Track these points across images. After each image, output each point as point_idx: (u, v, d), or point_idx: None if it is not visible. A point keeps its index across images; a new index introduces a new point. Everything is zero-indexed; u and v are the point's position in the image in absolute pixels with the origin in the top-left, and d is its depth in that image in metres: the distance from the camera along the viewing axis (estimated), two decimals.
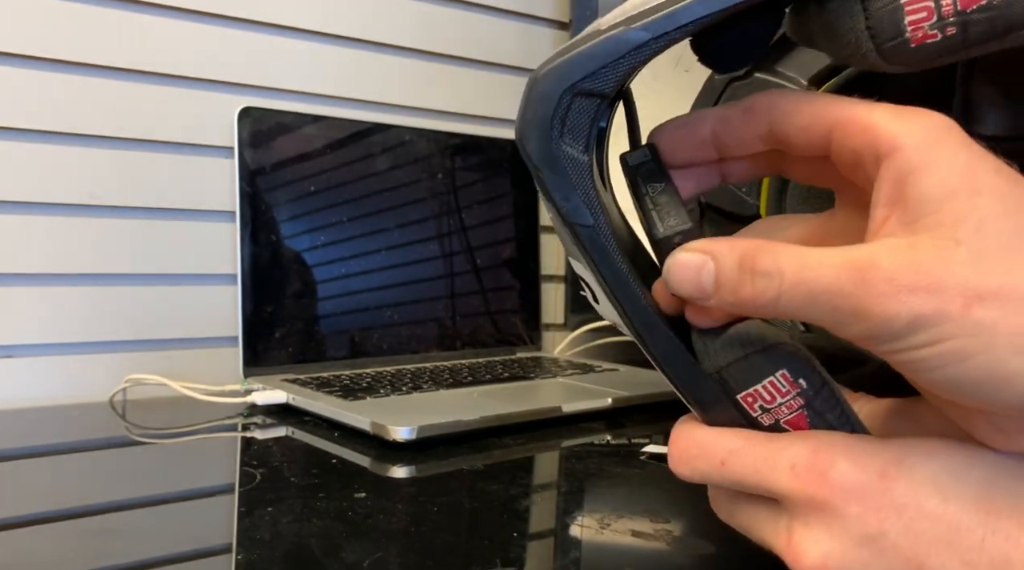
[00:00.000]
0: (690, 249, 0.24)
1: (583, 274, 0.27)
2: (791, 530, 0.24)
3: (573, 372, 0.75)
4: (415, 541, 0.36)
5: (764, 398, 0.25)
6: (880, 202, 0.23)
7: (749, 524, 0.27)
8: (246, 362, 0.73)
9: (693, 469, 0.26)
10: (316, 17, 0.82)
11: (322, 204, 0.78)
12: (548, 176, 0.25)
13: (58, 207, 0.71)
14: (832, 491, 0.23)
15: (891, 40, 0.24)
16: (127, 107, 0.73)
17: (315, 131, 0.78)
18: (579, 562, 0.35)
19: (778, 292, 0.23)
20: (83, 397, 0.70)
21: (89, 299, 0.72)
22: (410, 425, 0.51)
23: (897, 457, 0.23)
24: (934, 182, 0.22)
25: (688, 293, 0.24)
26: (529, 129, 0.25)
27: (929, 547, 0.22)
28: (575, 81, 0.24)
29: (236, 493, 0.44)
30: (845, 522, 0.23)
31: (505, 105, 0.96)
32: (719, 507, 0.28)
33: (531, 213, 0.93)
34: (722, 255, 0.24)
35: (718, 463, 0.26)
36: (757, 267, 0.23)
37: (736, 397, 0.25)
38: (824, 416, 0.25)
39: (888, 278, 0.21)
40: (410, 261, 0.83)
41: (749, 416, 0.26)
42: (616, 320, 0.27)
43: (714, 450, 0.26)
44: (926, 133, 0.22)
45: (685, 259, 0.24)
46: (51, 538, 0.37)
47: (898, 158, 0.22)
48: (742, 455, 0.25)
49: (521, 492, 0.44)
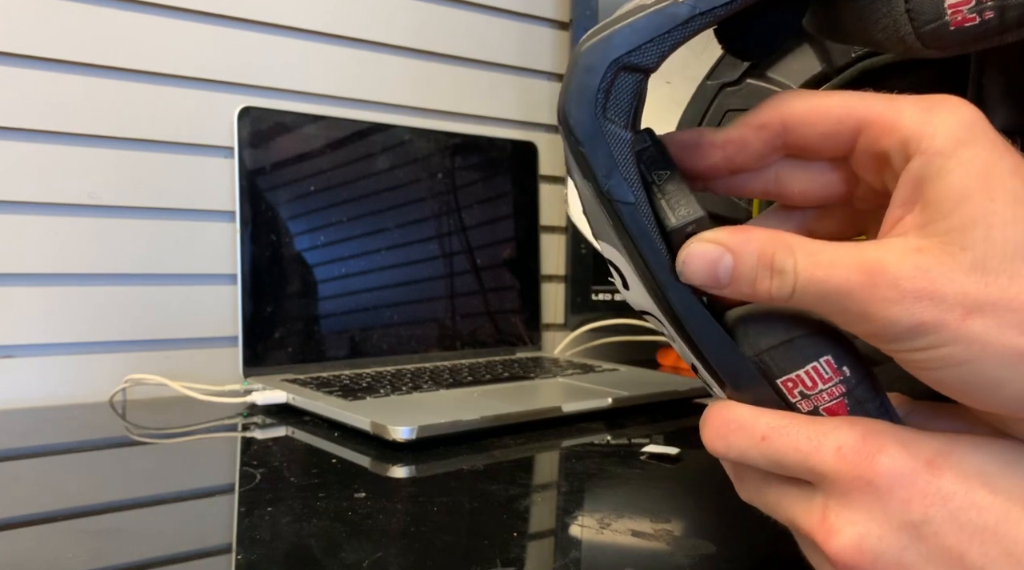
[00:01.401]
0: (706, 240, 0.24)
1: (613, 257, 0.26)
2: (826, 509, 0.24)
3: (573, 372, 0.75)
4: (415, 541, 0.36)
5: (805, 384, 0.25)
6: (897, 201, 0.23)
7: (777, 502, 0.26)
8: (246, 362, 0.73)
9: (730, 445, 0.26)
10: (316, 17, 0.82)
11: (322, 204, 0.78)
12: (591, 151, 0.24)
13: (58, 207, 0.71)
14: (878, 475, 0.23)
15: (931, 23, 0.24)
16: (127, 107, 0.73)
17: (315, 131, 0.78)
18: (579, 562, 0.35)
19: (792, 289, 0.23)
20: (83, 397, 0.70)
21: (89, 299, 0.72)
22: (410, 425, 0.51)
23: (945, 448, 0.23)
24: (950, 185, 0.22)
25: (701, 282, 0.24)
26: (573, 102, 0.24)
27: (973, 537, 0.22)
28: (620, 54, 0.24)
29: (236, 493, 0.44)
30: (888, 506, 0.23)
31: (505, 105, 0.96)
32: (744, 485, 0.28)
33: (531, 213, 0.93)
34: (740, 249, 0.24)
35: (758, 439, 0.25)
36: (775, 263, 0.23)
37: (776, 381, 0.25)
38: (864, 405, 0.25)
39: (893, 283, 0.21)
40: (410, 261, 0.83)
41: (788, 401, 0.25)
42: (647, 305, 0.26)
43: (755, 426, 0.25)
44: (950, 131, 0.22)
45: (702, 250, 0.24)
46: (51, 538, 0.37)
47: (918, 161, 0.23)
48: (784, 433, 0.25)
49: (521, 492, 0.44)
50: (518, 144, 0.92)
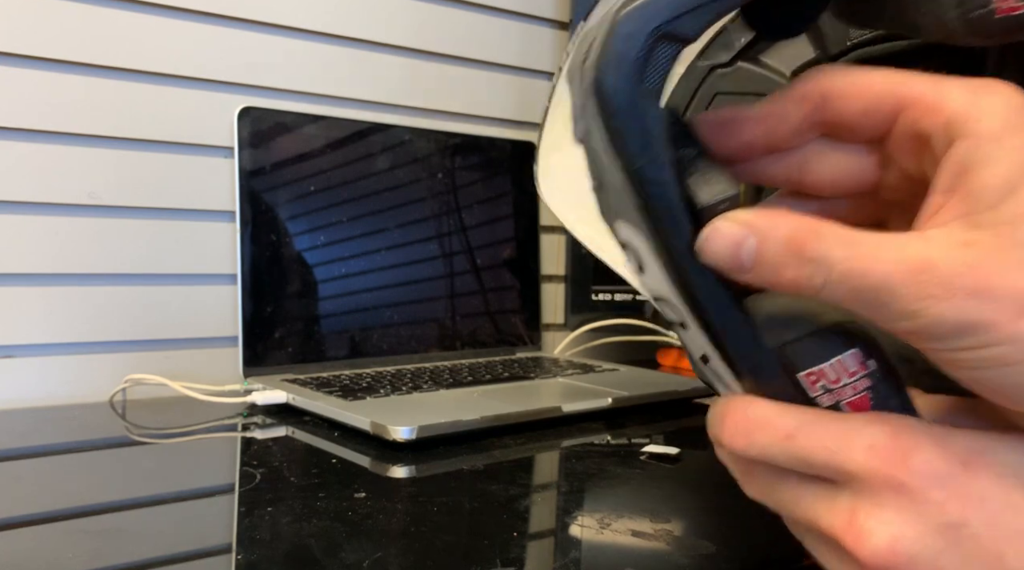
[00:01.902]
0: (731, 220, 0.22)
1: (631, 238, 0.25)
2: (855, 510, 0.23)
3: (573, 372, 0.75)
4: (415, 541, 0.36)
5: (829, 378, 0.24)
6: (938, 188, 0.22)
7: (794, 501, 0.25)
8: (246, 362, 0.73)
9: (751, 442, 0.24)
10: (316, 17, 0.82)
11: (322, 204, 0.78)
12: (626, 124, 0.23)
13: (58, 207, 0.71)
14: (913, 475, 0.22)
15: (978, 9, 0.24)
16: (127, 107, 0.73)
17: (315, 131, 0.78)
18: (579, 562, 0.35)
19: (824, 281, 0.21)
20: (83, 397, 0.70)
21: (89, 299, 0.72)
22: (410, 425, 0.51)
23: (979, 448, 0.23)
24: (998, 173, 0.21)
25: (721, 264, 0.23)
26: (610, 72, 0.23)
27: (1011, 539, 0.22)
28: (662, 22, 0.22)
29: (236, 493, 0.44)
30: (924, 508, 0.22)
31: (505, 105, 0.96)
32: (754, 482, 0.26)
33: (531, 213, 0.93)
34: (767, 232, 0.22)
35: (782, 437, 0.24)
36: (805, 252, 0.21)
37: (798, 375, 0.24)
38: (888, 402, 0.24)
39: (943, 282, 0.20)
40: (410, 261, 0.83)
41: (807, 395, 0.24)
42: (662, 290, 0.25)
43: (779, 424, 0.24)
44: (999, 115, 0.21)
45: (725, 229, 0.22)
46: (51, 538, 0.37)
47: (963, 145, 0.21)
48: (812, 431, 0.23)
49: (521, 492, 0.44)
50: (518, 144, 0.92)
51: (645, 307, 0.91)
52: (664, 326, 0.92)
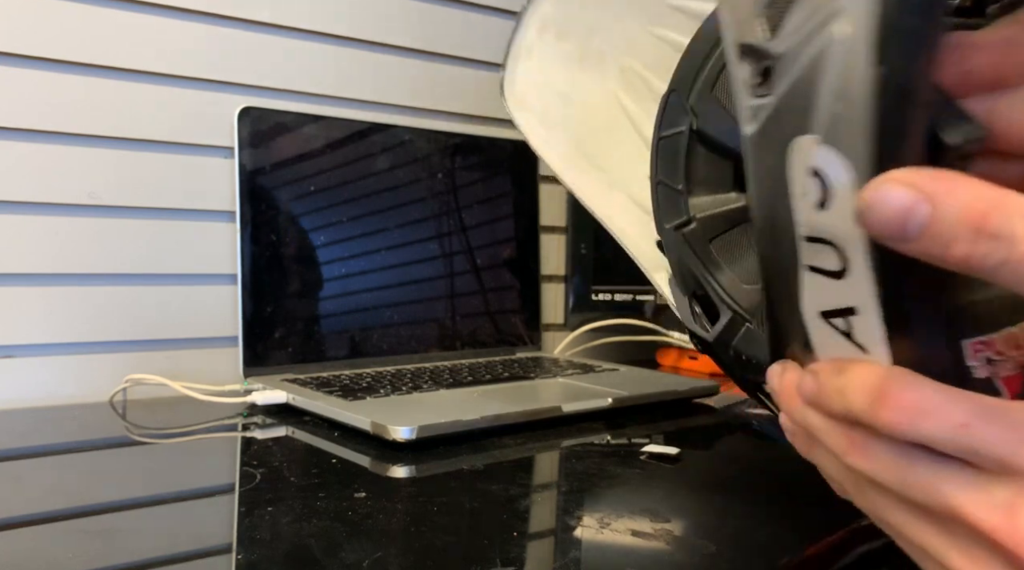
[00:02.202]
0: (900, 181, 0.19)
1: (829, 165, 0.20)
2: (1014, 506, 0.21)
3: (573, 372, 0.75)
4: (415, 541, 0.36)
5: (996, 348, 0.21)
6: None
7: (935, 486, 0.22)
8: (246, 362, 0.73)
9: (917, 430, 0.21)
10: (316, 17, 0.82)
11: (322, 204, 0.78)
12: (912, 23, 0.19)
13: (58, 207, 0.71)
14: None
15: None
16: (127, 107, 0.73)
17: (315, 131, 0.78)
18: (579, 562, 0.35)
19: (1003, 260, 0.18)
20: (83, 397, 0.70)
21: (89, 299, 0.72)
22: (410, 425, 0.51)
23: None
24: None
25: (883, 232, 0.20)
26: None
27: None
28: None
29: (236, 493, 0.44)
30: None
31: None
32: (874, 458, 0.23)
33: (531, 213, 0.93)
34: (943, 199, 0.19)
35: (955, 425, 0.21)
36: (986, 226, 0.19)
37: (964, 340, 0.21)
38: None
39: None
40: (410, 261, 0.83)
41: (961, 364, 0.21)
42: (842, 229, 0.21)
43: (954, 411, 0.21)
44: None
45: (894, 193, 0.19)
46: (51, 538, 0.37)
47: None
48: (990, 421, 0.21)
49: (521, 492, 0.44)
50: (518, 144, 0.92)
51: (645, 307, 0.91)
52: (664, 326, 0.92)
